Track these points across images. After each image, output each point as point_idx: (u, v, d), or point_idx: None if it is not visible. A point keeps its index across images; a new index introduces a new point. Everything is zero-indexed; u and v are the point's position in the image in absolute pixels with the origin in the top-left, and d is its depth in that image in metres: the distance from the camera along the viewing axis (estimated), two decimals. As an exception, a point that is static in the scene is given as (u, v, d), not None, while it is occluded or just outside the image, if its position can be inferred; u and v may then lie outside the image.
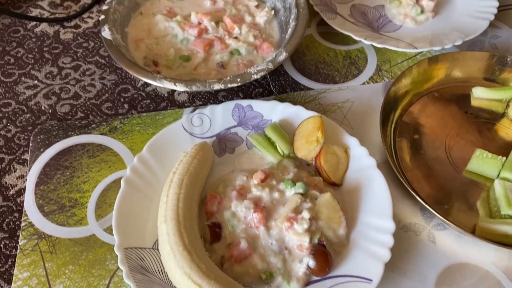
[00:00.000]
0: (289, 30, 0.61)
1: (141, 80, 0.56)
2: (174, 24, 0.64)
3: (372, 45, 0.67)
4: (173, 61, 0.62)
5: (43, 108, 0.63)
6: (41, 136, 0.59)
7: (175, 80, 0.55)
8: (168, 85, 0.55)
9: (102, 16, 0.61)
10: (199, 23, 0.65)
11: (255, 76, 0.56)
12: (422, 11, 0.71)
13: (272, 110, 0.59)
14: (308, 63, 0.68)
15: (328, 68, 0.67)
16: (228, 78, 0.55)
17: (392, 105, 0.61)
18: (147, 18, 0.66)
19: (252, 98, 0.64)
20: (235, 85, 0.55)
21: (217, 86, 0.55)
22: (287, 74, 0.66)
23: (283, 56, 0.57)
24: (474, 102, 0.63)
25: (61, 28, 0.72)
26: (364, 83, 0.66)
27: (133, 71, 0.56)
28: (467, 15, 0.71)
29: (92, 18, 0.73)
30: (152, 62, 0.62)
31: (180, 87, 0.55)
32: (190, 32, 0.64)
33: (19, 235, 0.52)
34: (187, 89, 0.55)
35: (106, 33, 0.59)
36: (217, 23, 0.65)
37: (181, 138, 0.57)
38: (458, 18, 0.71)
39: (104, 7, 0.62)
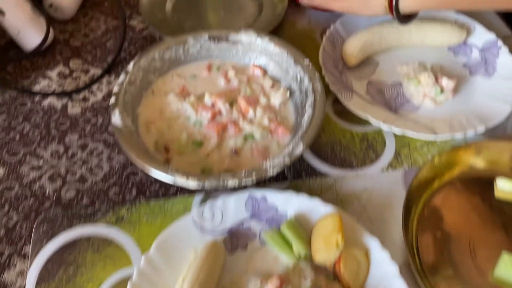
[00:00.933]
0: (306, 117, 0.59)
1: (149, 172, 0.53)
2: (187, 106, 0.62)
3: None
4: (185, 147, 0.59)
5: (47, 193, 0.60)
6: (45, 225, 0.57)
7: (187, 174, 0.52)
8: (180, 181, 0.52)
9: (113, 99, 0.59)
10: (213, 105, 0.63)
11: (270, 173, 0.53)
12: (442, 91, 0.69)
13: (288, 203, 0.56)
14: (324, 145, 0.66)
15: (345, 151, 0.65)
16: (243, 173, 0.53)
17: (413, 199, 0.58)
18: (159, 98, 0.64)
19: (265, 184, 0.61)
20: (249, 182, 0.53)
21: (231, 183, 0.52)
22: (302, 158, 0.64)
23: (300, 149, 0.55)
24: (498, 194, 0.60)
25: (69, 101, 0.70)
26: (382, 170, 0.63)
27: (144, 162, 0.54)
28: (488, 96, 0.69)
29: (101, 90, 0.72)
30: (163, 148, 0.59)
31: (192, 183, 0.52)
32: (203, 115, 0.62)
33: None
34: (200, 185, 0.52)
35: (116, 119, 0.57)
36: (231, 104, 0.63)
37: (191, 234, 0.54)
38: (479, 99, 0.69)
39: (115, 89, 0.60)
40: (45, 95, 0.70)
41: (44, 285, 0.52)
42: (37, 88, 0.71)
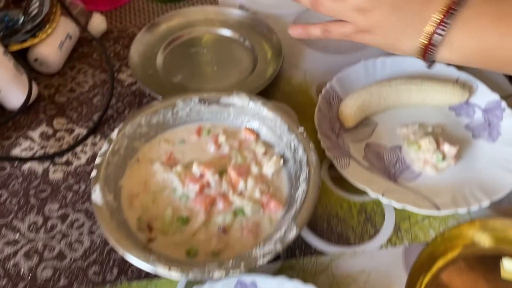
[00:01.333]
0: (300, 192, 0.56)
1: (128, 259, 0.49)
2: (173, 176, 0.59)
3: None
4: (170, 225, 0.55)
5: (22, 272, 0.56)
6: (17, 311, 0.53)
7: (170, 263, 0.48)
8: (162, 271, 0.48)
9: (94, 172, 0.56)
10: (201, 176, 0.59)
11: (260, 262, 0.49)
12: (444, 158, 0.65)
13: (280, 291, 0.52)
14: (319, 218, 0.62)
15: (342, 225, 0.61)
16: (230, 264, 0.49)
17: (415, 282, 0.54)
18: (145, 167, 0.61)
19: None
20: (237, 272, 0.49)
21: (217, 274, 0.48)
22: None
23: (293, 233, 0.51)
24: (504, 275, 0.56)
25: (51, 165, 0.66)
26: (381, 247, 0.59)
27: (124, 249, 0.50)
28: (493, 163, 0.65)
29: (85, 153, 0.68)
30: (146, 226, 0.55)
31: (175, 274, 0.48)
32: (190, 188, 0.58)
33: None
34: (183, 276, 0.48)
35: (96, 196, 0.54)
36: (220, 174, 0.59)
37: (174, 324, 0.50)
38: (483, 166, 0.65)
39: (97, 160, 0.57)
40: (24, 160, 0.66)
41: None
42: (18, 150, 0.68)
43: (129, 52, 0.78)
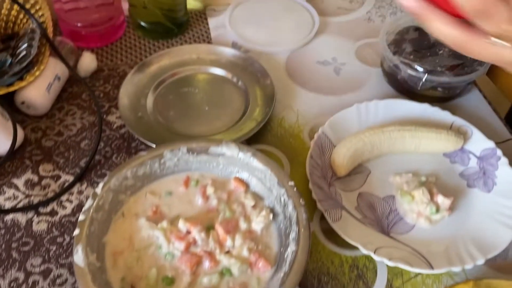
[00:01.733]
0: (289, 251, 0.54)
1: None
2: (159, 233, 0.57)
3: (382, 254, 0.60)
4: (155, 286, 0.54)
5: (1, 333, 0.54)
6: None
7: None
8: None
9: (77, 231, 0.54)
10: (188, 232, 0.57)
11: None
12: (438, 210, 0.64)
13: None
14: (310, 275, 0.60)
15: (333, 282, 0.59)
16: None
17: None
18: (130, 222, 0.59)
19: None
20: None
21: None
22: None
23: (279, 279, 0.49)
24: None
25: (35, 215, 0.64)
26: (373, 308, 0.57)
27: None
28: (487, 216, 0.64)
29: (71, 201, 0.66)
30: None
31: None
32: (176, 246, 0.56)
33: None
34: None
35: (78, 256, 0.52)
36: (207, 231, 0.58)
37: None
38: (478, 220, 0.64)
39: (81, 217, 0.55)
40: (7, 212, 0.64)
41: None
42: (1, 199, 0.66)
43: (119, 94, 0.77)
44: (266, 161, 0.62)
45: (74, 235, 0.54)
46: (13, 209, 0.64)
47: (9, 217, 0.64)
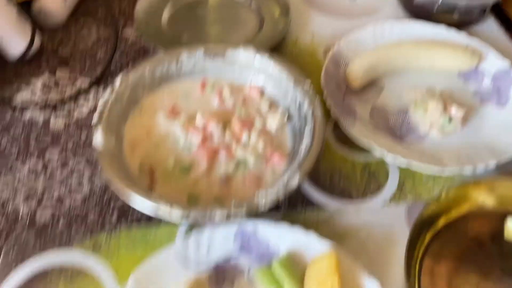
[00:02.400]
0: (304, 145, 0.55)
1: (127, 201, 0.49)
2: (176, 127, 0.58)
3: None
4: (172, 172, 0.55)
5: (20, 214, 0.55)
6: (15, 250, 0.52)
7: (171, 203, 0.48)
8: (163, 211, 0.48)
9: (96, 118, 0.55)
10: (205, 127, 0.58)
11: (262, 207, 0.49)
12: (450, 121, 0.64)
13: (280, 238, 0.51)
14: (322, 174, 0.61)
15: (345, 181, 0.60)
16: (232, 205, 0.48)
17: (417, 237, 0.53)
18: (147, 117, 0.60)
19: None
20: (239, 216, 0.48)
21: (219, 215, 0.48)
22: (298, 187, 0.59)
23: (295, 181, 0.50)
24: (508, 236, 0.56)
25: (53, 114, 0.65)
26: (384, 204, 0.58)
27: (125, 188, 0.49)
28: (500, 128, 0.64)
29: (87, 104, 0.67)
30: (148, 171, 0.55)
31: (175, 214, 0.47)
32: (193, 138, 0.57)
33: None
34: (184, 216, 0.47)
35: (98, 139, 0.53)
36: (224, 126, 0.59)
37: (173, 269, 0.49)
38: (490, 131, 0.64)
39: (99, 107, 0.56)
40: (26, 107, 0.65)
41: (8, 320, 0.48)
42: (19, 98, 0.67)
43: (135, 8, 0.77)
44: (282, 63, 0.62)
45: (93, 121, 0.55)
46: (31, 107, 0.65)
47: (27, 115, 0.65)
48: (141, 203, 0.49)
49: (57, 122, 0.65)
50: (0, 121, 0.64)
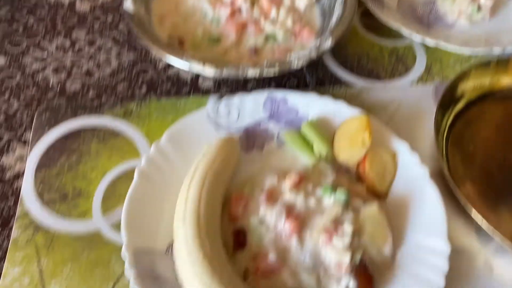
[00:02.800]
0: (334, 18, 0.54)
1: (164, 59, 0.49)
2: (204, 2, 0.58)
3: (422, 44, 0.61)
4: (201, 41, 0.55)
5: (51, 84, 0.56)
6: (47, 114, 0.53)
7: (204, 60, 0.48)
8: (196, 67, 0.48)
9: (126, -12, 0.54)
10: (232, 2, 0.58)
11: (295, 65, 0.49)
12: (479, 9, 0.64)
13: (310, 105, 0.52)
14: (350, 56, 0.61)
15: (372, 63, 0.60)
16: (265, 63, 0.48)
17: (445, 110, 0.54)
18: (174, -9, 0.59)
19: (285, 87, 0.56)
20: (271, 72, 0.48)
21: (251, 72, 0.48)
22: (326, 66, 0.59)
23: (328, 43, 0.50)
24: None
25: (78, -2, 0.65)
26: (412, 84, 0.58)
27: (157, 47, 0.49)
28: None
29: (112, -11, 0.67)
30: (177, 40, 0.55)
31: (209, 70, 0.48)
32: (221, 12, 0.57)
33: (12, 226, 0.45)
34: (217, 74, 0.48)
35: (128, 4, 0.53)
36: (252, 3, 0.58)
37: (205, 128, 0.50)
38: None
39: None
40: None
41: (44, 171, 0.48)
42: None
43: None
44: None
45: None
46: (57, -13, 0.65)
47: (52, -2, 0.65)
48: (174, 61, 0.49)
49: (82, 5, 0.64)
50: (26, 3, 0.64)
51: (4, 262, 0.42)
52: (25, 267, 0.42)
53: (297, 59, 0.49)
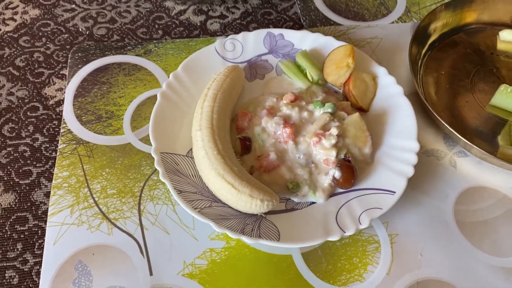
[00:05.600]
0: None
1: None
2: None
3: (402, -13, 0.69)
4: None
5: (80, 29, 0.65)
6: (79, 54, 0.62)
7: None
8: None
9: None
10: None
11: None
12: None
13: (303, 40, 0.61)
14: (338, 1, 0.69)
15: (358, 6, 0.69)
16: None
17: (420, 41, 0.62)
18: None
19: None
20: None
21: None
22: (317, 10, 0.68)
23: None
24: (500, 46, 0.64)
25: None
26: (392, 22, 0.67)
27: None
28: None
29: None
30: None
31: None
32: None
33: (58, 140, 0.54)
34: None
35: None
36: None
37: (214, 60, 0.59)
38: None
39: None
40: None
41: (80, 99, 0.58)
42: None
43: None
44: None
45: None
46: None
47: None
48: None
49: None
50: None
51: (54, 168, 0.52)
52: (71, 171, 0.52)
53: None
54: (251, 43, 0.60)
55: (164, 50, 0.63)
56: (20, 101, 0.58)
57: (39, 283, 0.45)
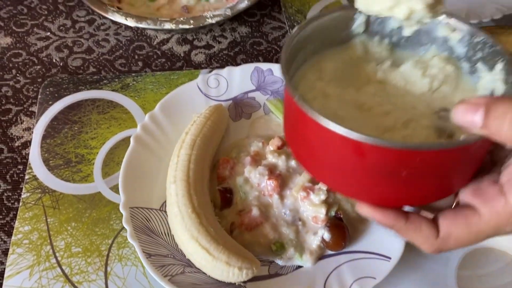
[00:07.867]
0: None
1: (106, 16, 0.59)
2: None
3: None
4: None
5: (54, 60, 0.60)
6: (51, 89, 0.57)
7: (126, 14, 0.57)
8: (119, 19, 0.57)
9: None
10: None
11: (210, 21, 0.57)
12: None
13: (294, 76, 0.56)
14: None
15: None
16: (181, 19, 0.57)
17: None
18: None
19: (272, 62, 0.60)
20: (186, 26, 0.57)
21: (168, 26, 0.57)
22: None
23: (244, 4, 0.57)
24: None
25: (76, -20, 0.69)
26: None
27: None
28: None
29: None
30: None
31: (130, 22, 0.57)
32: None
33: (22, 188, 0.50)
34: (137, 25, 0.57)
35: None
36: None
37: (195, 99, 0.54)
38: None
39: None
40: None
41: (49, 141, 0.53)
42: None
43: None
44: None
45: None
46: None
47: (53, -19, 0.69)
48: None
49: (81, -14, 0.68)
50: (29, -14, 0.68)
51: (15, 221, 0.47)
52: (34, 225, 0.47)
53: (212, 16, 0.56)
54: (237, 79, 0.56)
55: (143, 85, 0.58)
56: (-17, 142, 0.53)
57: None
